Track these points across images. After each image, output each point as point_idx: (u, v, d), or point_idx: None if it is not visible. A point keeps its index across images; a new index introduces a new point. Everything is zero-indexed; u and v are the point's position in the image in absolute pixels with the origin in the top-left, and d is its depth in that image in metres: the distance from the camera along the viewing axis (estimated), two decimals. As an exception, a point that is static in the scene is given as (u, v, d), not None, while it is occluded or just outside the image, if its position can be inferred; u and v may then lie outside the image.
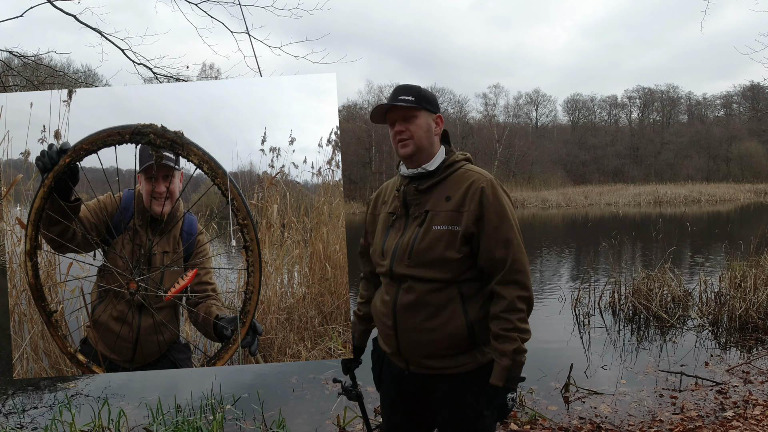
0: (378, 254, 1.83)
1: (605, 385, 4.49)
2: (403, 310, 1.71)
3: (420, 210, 1.74)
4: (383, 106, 1.76)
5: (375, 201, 1.97)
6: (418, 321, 1.69)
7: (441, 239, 1.66)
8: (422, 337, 1.69)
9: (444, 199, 1.71)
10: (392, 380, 1.86)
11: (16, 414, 4.32)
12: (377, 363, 1.94)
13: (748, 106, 56.63)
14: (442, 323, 1.67)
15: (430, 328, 1.67)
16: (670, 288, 6.99)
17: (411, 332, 1.71)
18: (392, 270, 1.75)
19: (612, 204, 33.20)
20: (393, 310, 1.74)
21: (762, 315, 6.07)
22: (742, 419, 3.64)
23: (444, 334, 1.67)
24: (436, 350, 1.69)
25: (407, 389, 1.82)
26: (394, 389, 1.87)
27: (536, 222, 24.40)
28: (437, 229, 1.67)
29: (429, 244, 1.67)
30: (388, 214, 1.84)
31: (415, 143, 1.73)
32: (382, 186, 1.99)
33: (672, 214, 22.38)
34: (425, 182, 1.75)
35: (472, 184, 1.69)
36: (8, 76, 5.16)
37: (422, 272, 1.68)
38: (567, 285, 8.88)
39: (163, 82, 5.09)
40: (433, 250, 1.67)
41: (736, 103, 58.37)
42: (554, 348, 5.67)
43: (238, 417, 4.00)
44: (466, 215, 1.66)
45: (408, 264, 1.70)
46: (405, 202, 1.78)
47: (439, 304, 1.67)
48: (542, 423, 3.74)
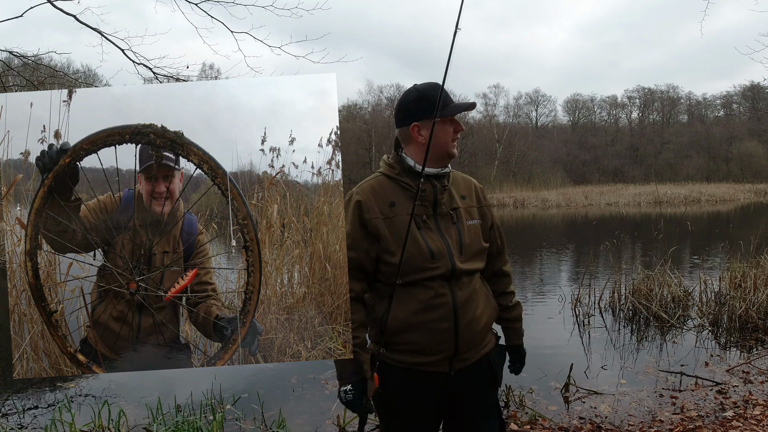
0: (423, 258, 1.71)
1: (605, 385, 4.49)
2: (464, 306, 1.75)
3: (447, 208, 1.80)
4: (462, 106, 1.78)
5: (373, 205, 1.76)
6: (476, 313, 1.79)
7: (476, 232, 1.84)
8: (478, 326, 1.80)
9: (460, 197, 1.85)
10: (428, 394, 1.77)
11: (16, 414, 4.32)
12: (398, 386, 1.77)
13: (748, 106, 56.65)
14: (483, 309, 1.82)
15: (479, 315, 1.80)
16: (670, 288, 6.99)
17: (470, 325, 1.77)
18: (455, 269, 1.74)
19: (612, 204, 33.19)
20: (454, 309, 1.72)
21: (762, 315, 6.06)
22: (742, 419, 3.64)
23: (486, 317, 1.84)
24: (483, 335, 1.85)
25: (446, 393, 1.79)
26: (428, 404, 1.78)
27: (536, 222, 24.39)
28: (471, 223, 1.83)
29: (471, 238, 1.81)
30: (411, 216, 1.68)
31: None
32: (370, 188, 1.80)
33: (672, 214, 22.38)
34: (446, 181, 1.82)
35: (472, 184, 1.93)
36: (8, 76, 5.16)
37: (471, 265, 1.80)
38: (567, 285, 8.88)
39: (163, 82, 5.09)
40: (475, 244, 1.82)
41: (736, 103, 58.42)
42: (554, 348, 5.67)
43: (238, 417, 4.00)
44: (482, 210, 1.89)
45: (462, 260, 1.77)
46: (435, 201, 1.78)
47: (480, 292, 1.83)
48: (542, 423, 3.74)
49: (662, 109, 60.09)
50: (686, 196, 34.42)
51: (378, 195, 1.77)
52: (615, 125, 60.32)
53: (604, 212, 27.76)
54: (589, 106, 61.22)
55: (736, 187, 37.97)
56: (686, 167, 48.05)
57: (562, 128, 60.38)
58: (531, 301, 8.09)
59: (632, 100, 60.55)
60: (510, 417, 3.82)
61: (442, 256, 1.73)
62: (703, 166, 48.82)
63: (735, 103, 58.54)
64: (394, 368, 1.76)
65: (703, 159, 49.58)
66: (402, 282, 1.70)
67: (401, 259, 1.68)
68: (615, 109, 61.20)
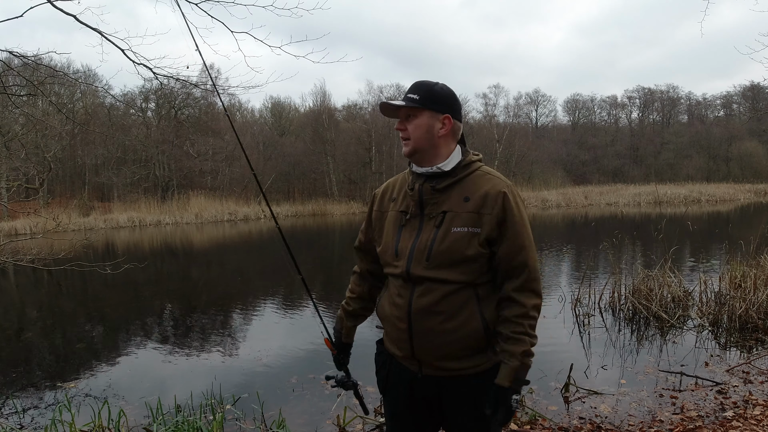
0: (390, 255, 1.77)
1: (605, 385, 4.49)
2: (420, 313, 1.68)
3: (436, 210, 1.70)
4: (386, 104, 1.75)
5: (381, 197, 1.89)
6: (436, 323, 1.66)
7: (462, 241, 1.64)
8: (439, 340, 1.67)
9: (462, 200, 1.68)
10: (402, 385, 1.81)
11: (16, 414, 4.32)
12: (383, 367, 1.88)
13: (748, 106, 56.60)
14: (460, 324, 1.66)
15: (448, 329, 1.66)
16: (670, 288, 6.99)
17: (428, 335, 1.67)
18: (409, 272, 1.70)
19: (612, 204, 33.19)
20: (408, 313, 1.70)
21: (762, 315, 6.06)
22: (742, 419, 3.64)
23: (462, 335, 1.66)
24: (453, 351, 1.68)
25: (418, 393, 1.78)
26: (403, 393, 1.82)
27: (536, 222, 24.38)
28: (457, 230, 1.65)
29: (449, 245, 1.65)
30: (399, 213, 1.78)
31: (412, 143, 1.72)
32: (389, 182, 1.92)
33: (672, 214, 22.37)
34: (442, 182, 1.71)
35: (493, 188, 1.68)
36: (8, 76, 5.16)
37: (441, 274, 1.65)
38: (567, 285, 8.88)
39: (163, 82, 5.09)
40: (454, 252, 1.65)
41: (736, 103, 58.35)
42: (554, 348, 5.67)
43: (238, 417, 4.00)
44: (488, 218, 1.64)
45: (426, 266, 1.67)
46: (421, 201, 1.73)
47: (456, 305, 1.66)
48: (542, 423, 3.74)
49: (662, 109, 60.04)
50: (686, 196, 34.41)
51: (389, 190, 1.89)
52: (615, 125, 60.26)
53: (604, 212, 27.76)
54: (589, 106, 61.21)
55: (736, 187, 37.94)
56: (686, 167, 48.00)
57: (562, 128, 60.31)
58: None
59: (632, 100, 60.54)
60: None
61: (403, 257, 1.72)
62: (703, 166, 48.77)
63: (735, 103, 58.50)
64: (384, 349, 1.89)
65: (703, 159, 49.54)
66: (385, 272, 1.85)
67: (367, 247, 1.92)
68: (615, 109, 61.17)
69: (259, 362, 5.53)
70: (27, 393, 4.90)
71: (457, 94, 1.79)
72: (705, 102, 59.82)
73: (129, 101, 36.78)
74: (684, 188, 36.95)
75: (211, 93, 38.08)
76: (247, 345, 6.32)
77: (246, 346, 6.24)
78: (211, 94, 36.85)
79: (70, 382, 5.13)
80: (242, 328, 7.39)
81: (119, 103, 35.68)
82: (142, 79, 52.92)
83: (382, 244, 1.82)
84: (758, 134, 49.65)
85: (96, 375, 5.40)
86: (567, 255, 13.13)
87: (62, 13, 4.02)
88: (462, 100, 20.94)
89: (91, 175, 37.06)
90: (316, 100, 43.93)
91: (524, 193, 37.28)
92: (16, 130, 14.86)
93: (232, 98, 46.40)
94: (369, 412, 2.47)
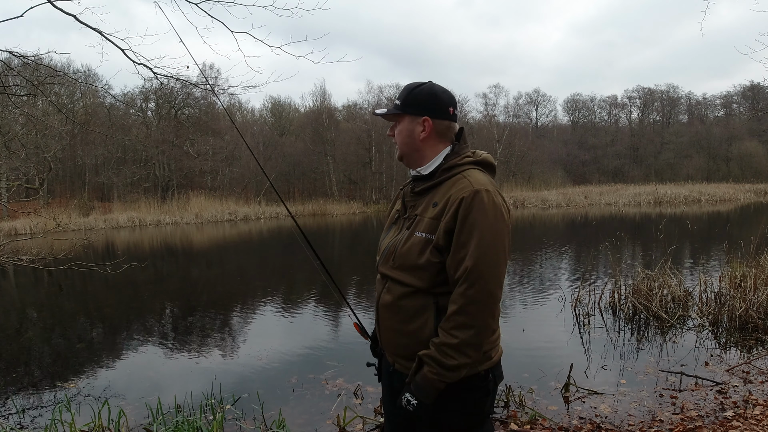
0: (378, 251, 1.89)
1: (605, 385, 4.49)
2: (384, 309, 1.76)
3: (412, 212, 1.75)
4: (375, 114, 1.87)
5: (397, 196, 1.97)
6: (395, 322, 1.72)
7: (417, 246, 1.64)
8: (399, 339, 1.72)
9: (431, 206, 1.66)
10: (385, 375, 1.90)
11: (16, 414, 4.32)
12: (375, 357, 1.99)
13: (748, 106, 56.60)
14: (417, 329, 1.65)
15: (406, 331, 1.68)
16: (670, 288, 6.99)
17: (389, 331, 1.75)
18: (378, 268, 1.82)
19: (612, 204, 33.19)
20: (377, 306, 1.81)
21: (762, 315, 6.06)
22: (742, 419, 3.64)
23: (418, 339, 1.64)
24: (410, 353, 1.67)
25: (394, 385, 1.81)
26: (386, 383, 1.91)
27: (536, 222, 24.39)
28: (418, 235, 1.65)
29: (408, 249, 1.66)
30: (396, 212, 1.89)
31: (399, 148, 1.80)
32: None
33: (672, 214, 22.37)
34: (420, 185, 1.75)
35: (455, 193, 1.59)
36: (8, 76, 5.15)
37: (400, 275, 1.69)
38: (567, 285, 8.88)
39: (163, 82, 5.09)
40: (410, 256, 1.65)
41: (736, 103, 58.35)
42: (554, 348, 5.67)
43: (238, 417, 4.00)
44: (442, 225, 1.59)
45: (391, 265, 1.73)
46: (404, 203, 1.83)
47: (413, 309, 1.66)
48: (542, 423, 3.74)
49: (662, 109, 60.04)
50: (686, 196, 34.40)
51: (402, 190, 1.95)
52: (615, 125, 60.26)
53: (604, 212, 27.75)
54: (589, 106, 61.22)
55: (736, 187, 37.92)
56: (686, 167, 47.99)
57: (562, 128, 60.33)
58: (531, 301, 8.10)
59: (632, 100, 60.53)
60: (510, 417, 3.82)
61: (379, 253, 1.84)
62: (703, 166, 48.77)
63: (735, 103, 58.50)
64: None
65: (703, 159, 49.53)
66: None
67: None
68: (615, 109, 61.18)
69: (259, 362, 5.53)
70: (27, 393, 4.90)
71: (447, 92, 1.75)
72: (705, 102, 59.85)
73: (129, 101, 36.80)
74: (684, 188, 36.93)
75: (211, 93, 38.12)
76: (247, 345, 6.32)
77: (246, 346, 6.24)
78: (211, 94, 36.89)
79: (70, 382, 5.13)
80: (242, 328, 7.39)
81: (119, 103, 35.71)
82: (142, 79, 52.96)
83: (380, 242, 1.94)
84: (758, 134, 49.64)
85: (96, 375, 5.40)
86: (567, 255, 13.13)
87: (59, 14, 4.02)
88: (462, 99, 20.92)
89: (91, 175, 37.07)
90: (316, 100, 43.98)
91: (524, 193, 37.32)
92: (16, 130, 14.86)
93: (232, 98, 46.43)
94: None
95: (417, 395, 1.59)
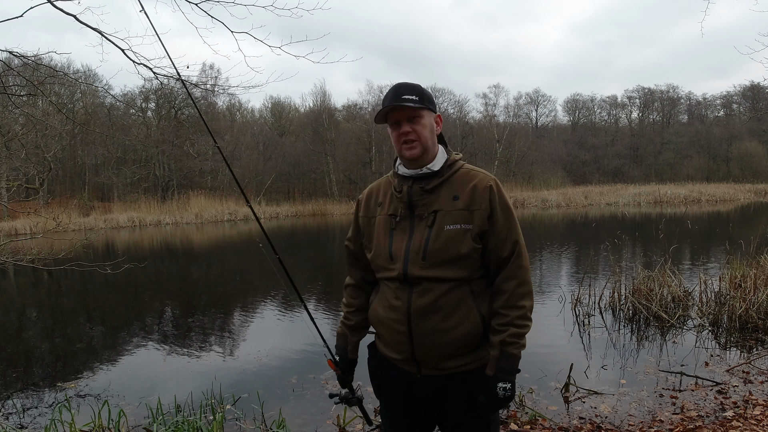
0: (384, 258, 1.76)
1: (605, 385, 4.49)
2: (420, 313, 1.67)
3: (427, 210, 1.71)
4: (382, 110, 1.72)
5: (366, 202, 1.88)
6: (435, 322, 1.67)
7: (455, 238, 1.67)
8: (439, 339, 1.67)
9: (452, 199, 1.70)
10: (400, 386, 1.80)
11: (16, 414, 4.32)
12: (379, 370, 1.87)
13: (748, 106, 56.59)
14: (458, 322, 1.67)
15: (447, 328, 1.67)
16: (670, 288, 6.99)
17: (428, 335, 1.68)
18: (406, 273, 1.70)
19: (612, 204, 33.19)
20: (407, 314, 1.69)
21: (762, 315, 6.06)
22: (742, 419, 3.64)
23: (460, 332, 1.68)
24: (453, 350, 1.69)
25: (417, 394, 1.77)
26: (401, 395, 1.81)
27: (536, 222, 24.38)
28: (450, 228, 1.67)
29: (444, 243, 1.66)
30: (388, 216, 1.78)
31: (421, 144, 1.72)
32: (371, 186, 1.92)
33: (672, 214, 22.37)
34: (431, 182, 1.73)
35: (479, 183, 1.71)
36: (8, 76, 5.15)
37: (439, 272, 1.67)
38: (567, 285, 8.88)
39: (163, 82, 5.09)
40: (448, 250, 1.66)
41: (736, 103, 58.35)
42: (554, 348, 5.67)
43: (238, 417, 4.00)
44: (478, 213, 1.68)
45: (423, 266, 1.67)
46: (410, 203, 1.74)
47: (454, 303, 1.67)
48: (542, 423, 3.73)
49: (662, 109, 60.05)
50: (686, 196, 34.40)
51: (373, 194, 1.88)
52: (615, 125, 60.28)
53: (604, 212, 27.75)
54: (589, 106, 61.24)
55: (736, 187, 37.92)
56: (686, 167, 48.00)
57: (562, 128, 60.34)
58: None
59: (632, 100, 60.57)
60: (510, 417, 3.82)
61: (398, 259, 1.72)
62: (703, 166, 48.77)
63: (735, 103, 58.50)
64: (378, 353, 1.89)
65: (703, 159, 49.54)
66: (378, 278, 1.84)
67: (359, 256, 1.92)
68: (615, 109, 61.21)
69: (259, 362, 5.53)
70: (27, 393, 4.89)
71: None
72: (705, 102, 59.89)
73: (129, 101, 36.82)
74: (684, 188, 36.94)
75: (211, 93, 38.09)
76: (247, 345, 6.32)
77: (246, 346, 6.24)
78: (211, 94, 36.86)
79: (70, 382, 5.13)
80: (242, 328, 7.38)
81: (119, 103, 35.74)
82: (142, 78, 52.97)
83: (374, 249, 1.81)
84: (758, 134, 49.64)
85: (96, 375, 5.40)
86: (567, 255, 13.12)
87: (55, 14, 4.02)
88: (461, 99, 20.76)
89: (91, 175, 37.08)
90: (316, 100, 44.01)
91: (524, 193, 37.32)
92: (16, 130, 14.86)
93: (232, 98, 46.41)
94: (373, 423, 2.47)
95: (507, 379, 1.66)
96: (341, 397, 1.99)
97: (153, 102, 39.89)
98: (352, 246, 1.95)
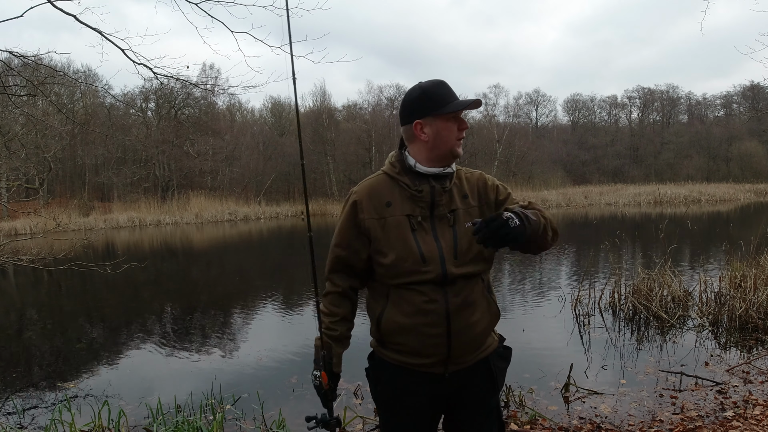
0: (414, 261, 1.67)
1: (605, 385, 4.49)
2: (457, 312, 1.67)
3: (446, 210, 1.72)
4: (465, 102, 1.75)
5: (370, 203, 1.74)
6: (469, 318, 1.70)
7: None
8: (473, 332, 1.71)
9: (462, 197, 1.77)
10: (420, 392, 1.74)
11: (16, 414, 4.32)
12: (390, 382, 1.78)
13: (748, 106, 56.58)
14: (482, 314, 1.74)
15: (476, 321, 1.72)
16: (670, 288, 6.99)
17: (465, 331, 1.69)
18: (446, 274, 1.66)
19: (612, 204, 33.19)
20: (446, 315, 1.66)
21: (762, 315, 6.06)
22: (742, 419, 3.64)
23: (485, 323, 1.75)
24: (480, 342, 1.76)
25: (441, 393, 1.75)
26: (421, 400, 1.75)
27: (536, 222, 24.32)
28: (469, 226, 1.71)
29: (468, 242, 1.70)
30: (404, 217, 1.70)
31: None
32: (369, 186, 1.78)
33: (672, 214, 22.37)
34: (448, 182, 1.75)
35: (472, 178, 1.82)
36: (8, 76, 5.16)
37: (472, 268, 1.71)
38: (567, 285, 8.88)
39: (163, 82, 5.09)
40: (473, 247, 1.69)
41: (736, 103, 58.34)
42: (554, 348, 5.67)
43: (238, 417, 4.00)
44: (486, 208, 1.78)
45: (456, 264, 1.68)
46: (432, 203, 1.70)
47: (477, 296, 1.73)
48: (542, 423, 3.73)
49: (662, 109, 60.04)
50: (686, 196, 34.39)
51: (375, 194, 1.75)
52: (615, 125, 60.26)
53: (604, 212, 27.75)
54: (589, 106, 61.23)
55: (736, 187, 37.91)
56: (686, 167, 47.98)
57: (562, 128, 60.32)
58: (531, 301, 8.10)
59: (632, 100, 60.53)
60: (510, 417, 3.82)
61: (433, 261, 1.66)
62: (703, 166, 48.76)
63: (735, 103, 58.49)
64: (388, 364, 1.78)
65: (703, 159, 49.52)
66: (396, 284, 1.70)
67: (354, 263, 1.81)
68: (615, 109, 61.17)
69: (259, 362, 5.53)
70: (27, 393, 4.90)
71: None
72: (705, 102, 59.84)
73: (129, 101, 36.81)
74: (684, 188, 36.93)
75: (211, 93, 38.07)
76: (247, 345, 6.32)
77: (246, 346, 6.24)
78: (211, 94, 36.86)
79: (70, 382, 5.13)
80: (242, 328, 7.39)
81: (119, 103, 35.71)
82: (142, 78, 52.98)
83: (396, 252, 1.68)
84: (758, 134, 49.63)
85: (96, 375, 5.40)
86: (567, 255, 13.13)
87: (53, 14, 4.02)
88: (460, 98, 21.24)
89: (91, 175, 37.08)
90: (316, 100, 44.01)
91: (524, 193, 37.26)
92: (16, 130, 14.85)
93: (232, 98, 46.42)
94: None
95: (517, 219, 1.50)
96: (318, 420, 1.84)
97: (153, 102, 39.90)
98: (344, 252, 1.80)
